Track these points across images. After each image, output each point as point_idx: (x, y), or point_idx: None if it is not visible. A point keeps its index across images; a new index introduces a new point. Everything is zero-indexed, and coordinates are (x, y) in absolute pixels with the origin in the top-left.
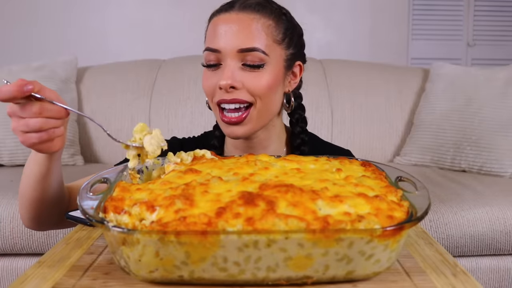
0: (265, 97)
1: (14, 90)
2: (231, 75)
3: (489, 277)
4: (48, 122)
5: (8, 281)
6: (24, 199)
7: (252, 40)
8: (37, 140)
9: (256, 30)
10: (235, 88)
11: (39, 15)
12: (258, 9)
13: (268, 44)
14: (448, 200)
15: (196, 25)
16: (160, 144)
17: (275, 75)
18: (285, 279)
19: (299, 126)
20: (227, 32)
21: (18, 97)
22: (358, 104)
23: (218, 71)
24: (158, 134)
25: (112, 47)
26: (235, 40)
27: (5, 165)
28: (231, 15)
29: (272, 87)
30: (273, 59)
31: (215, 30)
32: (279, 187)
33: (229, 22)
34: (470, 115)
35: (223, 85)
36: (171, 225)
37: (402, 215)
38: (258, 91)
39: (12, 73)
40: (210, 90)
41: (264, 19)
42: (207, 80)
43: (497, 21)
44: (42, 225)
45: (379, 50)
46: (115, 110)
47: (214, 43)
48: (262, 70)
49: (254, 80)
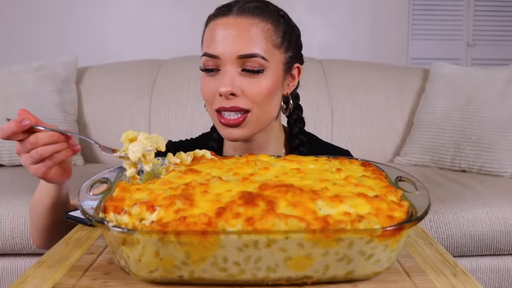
0: (264, 104)
1: (13, 125)
2: (231, 81)
3: (489, 277)
4: (47, 148)
5: (8, 281)
6: (35, 225)
7: (251, 46)
8: (45, 167)
9: (256, 35)
10: (234, 95)
11: (39, 15)
12: (257, 13)
13: (267, 49)
14: (448, 200)
15: (196, 25)
16: (146, 149)
17: (274, 80)
18: (285, 279)
19: (297, 127)
20: (225, 37)
21: (18, 131)
22: (358, 104)
23: (217, 76)
24: (141, 139)
25: (112, 47)
26: (234, 46)
27: (5, 165)
28: (230, 20)
29: (271, 92)
30: (273, 64)
31: (213, 35)
32: (279, 187)
33: (227, 27)
34: (470, 115)
35: (223, 92)
36: (171, 225)
37: (402, 215)
38: (257, 97)
39: (12, 73)
40: (209, 96)
41: (263, 23)
42: (205, 85)
43: (497, 21)
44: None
45: (379, 50)
46: (115, 110)
47: (213, 48)
48: (261, 75)
49: (254, 86)
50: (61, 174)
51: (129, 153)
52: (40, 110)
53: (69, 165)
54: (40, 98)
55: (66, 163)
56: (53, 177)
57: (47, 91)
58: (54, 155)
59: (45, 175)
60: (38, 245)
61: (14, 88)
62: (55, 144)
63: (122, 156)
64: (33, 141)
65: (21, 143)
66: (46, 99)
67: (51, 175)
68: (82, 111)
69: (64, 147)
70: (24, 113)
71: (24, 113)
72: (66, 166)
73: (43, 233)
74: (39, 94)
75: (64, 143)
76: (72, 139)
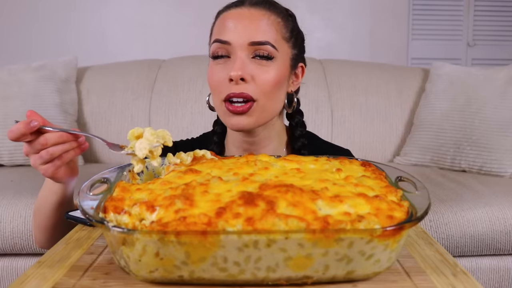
0: (270, 93)
1: (22, 127)
2: (242, 66)
3: (489, 277)
4: (57, 148)
5: (8, 281)
6: (40, 225)
7: (263, 34)
8: (54, 167)
9: (267, 25)
10: (244, 80)
11: (39, 15)
12: (268, 7)
13: (277, 39)
14: (448, 200)
15: (196, 25)
16: (152, 145)
17: (282, 71)
18: (285, 279)
19: (299, 130)
20: (238, 25)
21: (27, 133)
22: (358, 104)
23: (227, 64)
24: (147, 135)
25: (112, 47)
26: (246, 33)
27: (5, 165)
28: (243, 10)
29: (278, 83)
30: (282, 54)
31: (225, 24)
32: (279, 187)
33: (240, 17)
34: (470, 115)
35: (233, 76)
36: (171, 225)
37: (402, 215)
38: (266, 85)
39: (12, 73)
40: (218, 84)
41: (274, 16)
42: (215, 74)
43: (497, 21)
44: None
45: (379, 50)
46: (115, 110)
47: (224, 35)
48: (271, 64)
49: (263, 74)
50: (69, 173)
51: (136, 150)
52: (40, 110)
53: (76, 164)
54: (40, 98)
55: (73, 162)
56: (61, 176)
57: (47, 91)
58: (63, 155)
59: (54, 175)
60: (42, 246)
61: (14, 88)
62: (65, 143)
63: (129, 153)
64: (43, 142)
65: (30, 144)
66: (46, 99)
67: (60, 175)
68: (82, 111)
69: (73, 146)
70: (32, 115)
71: (32, 114)
72: (73, 165)
73: (48, 233)
74: (39, 94)
75: (73, 142)
76: (82, 138)
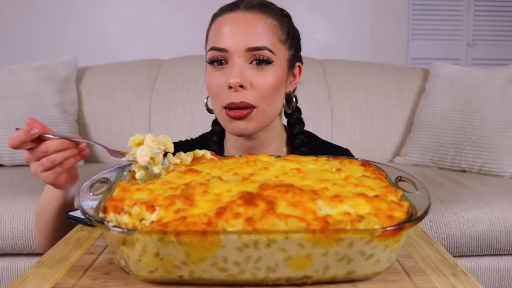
0: (269, 98)
1: (22, 135)
2: (240, 73)
3: (489, 277)
4: (58, 156)
5: (8, 281)
6: (42, 230)
7: (260, 39)
8: (55, 174)
9: (263, 29)
10: (243, 87)
11: (39, 15)
12: (263, 9)
13: (274, 43)
14: (448, 200)
15: (196, 25)
16: (153, 152)
17: (280, 74)
18: (285, 279)
19: (298, 127)
20: (234, 31)
21: (28, 140)
22: (358, 104)
23: (225, 70)
24: (148, 142)
25: (112, 47)
26: (243, 39)
27: (5, 165)
28: (238, 15)
29: (277, 86)
30: (279, 58)
31: (220, 29)
32: (279, 187)
33: (235, 22)
34: (470, 115)
35: (232, 84)
36: (171, 225)
37: (402, 215)
38: (265, 90)
39: (12, 73)
40: (217, 90)
41: (270, 19)
42: (213, 80)
43: (497, 21)
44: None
45: (379, 50)
46: (115, 110)
47: (221, 42)
48: (269, 68)
49: (262, 79)
50: (69, 179)
51: (137, 157)
52: (40, 110)
53: (76, 170)
54: (40, 98)
55: (73, 169)
56: (62, 182)
57: (47, 91)
58: (64, 162)
59: (55, 182)
60: (44, 250)
61: (14, 88)
62: (65, 151)
63: (131, 159)
64: (44, 149)
65: (30, 152)
66: (46, 99)
67: (61, 181)
68: (82, 111)
69: (73, 153)
70: (32, 122)
71: (33, 122)
72: (74, 171)
73: (50, 237)
74: (39, 94)
75: (74, 149)
76: (83, 144)
